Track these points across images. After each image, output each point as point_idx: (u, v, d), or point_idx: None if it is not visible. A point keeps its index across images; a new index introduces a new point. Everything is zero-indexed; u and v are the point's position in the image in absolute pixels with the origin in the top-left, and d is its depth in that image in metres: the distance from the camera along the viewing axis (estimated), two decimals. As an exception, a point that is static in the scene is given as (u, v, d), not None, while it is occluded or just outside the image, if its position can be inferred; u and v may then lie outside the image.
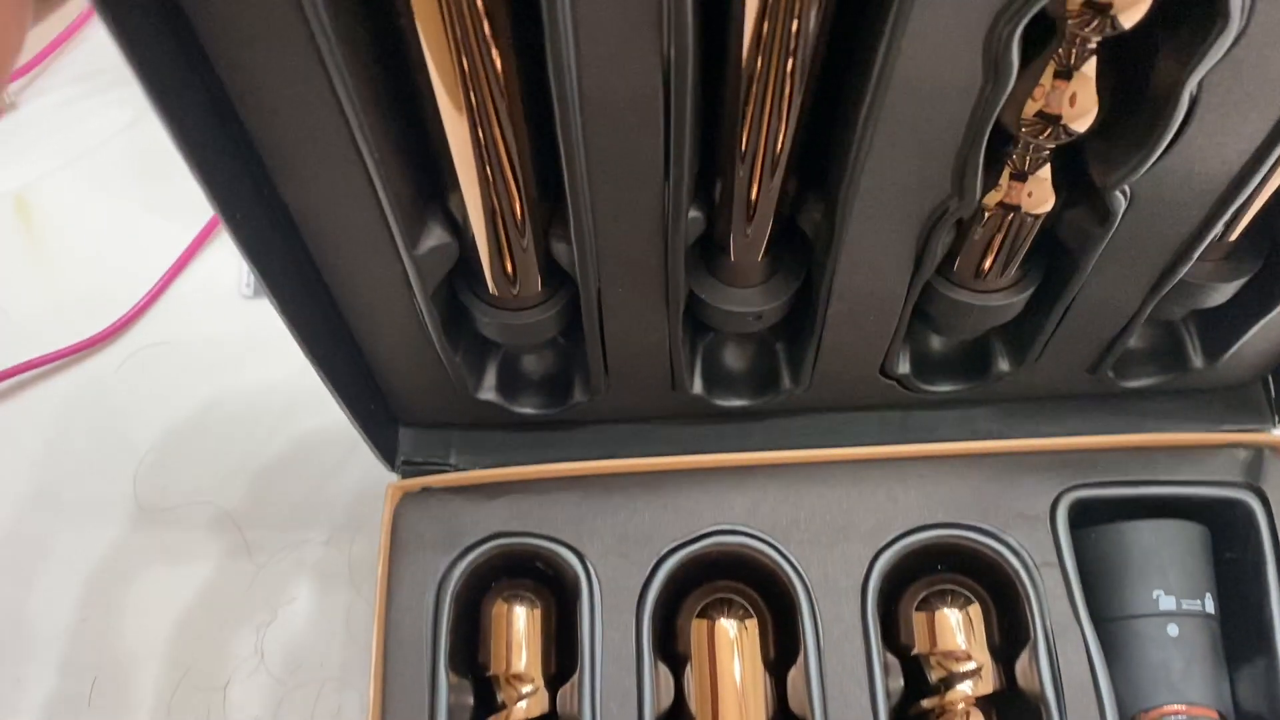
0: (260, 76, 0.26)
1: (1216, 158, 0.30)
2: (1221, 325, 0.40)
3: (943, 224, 0.32)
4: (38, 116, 0.50)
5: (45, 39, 0.52)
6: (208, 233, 0.50)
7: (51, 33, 0.52)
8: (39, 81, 0.52)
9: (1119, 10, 0.26)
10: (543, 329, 0.37)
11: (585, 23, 0.25)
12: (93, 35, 0.51)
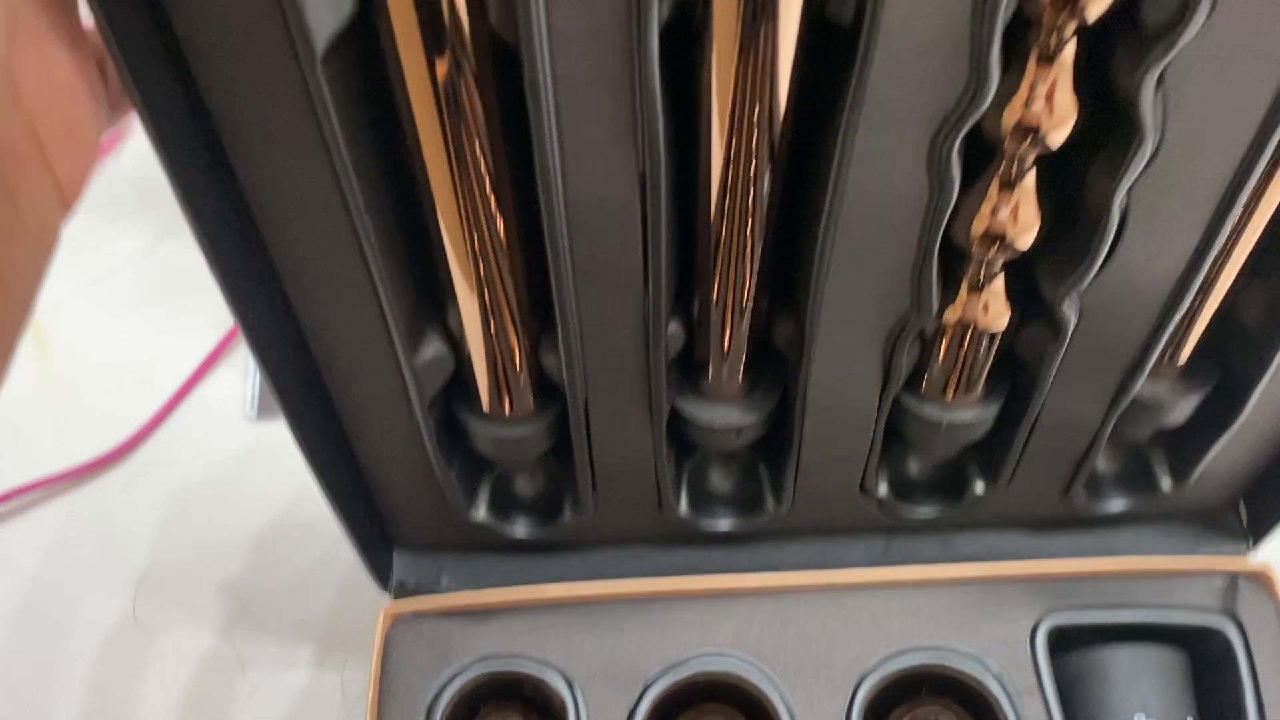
0: (280, 192, 0.29)
1: (1154, 269, 0.32)
2: (1185, 446, 0.41)
3: (905, 337, 0.34)
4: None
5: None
6: (215, 357, 0.53)
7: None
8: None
9: (1047, 131, 0.29)
10: (533, 443, 0.39)
11: (569, 137, 0.28)
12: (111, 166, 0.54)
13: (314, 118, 0.26)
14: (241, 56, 0.25)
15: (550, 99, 0.27)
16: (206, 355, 0.52)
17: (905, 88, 0.27)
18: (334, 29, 0.25)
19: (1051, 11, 0.26)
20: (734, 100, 0.28)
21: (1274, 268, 0.35)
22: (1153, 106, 0.27)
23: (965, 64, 0.26)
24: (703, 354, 0.37)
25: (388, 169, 0.30)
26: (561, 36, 0.25)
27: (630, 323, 0.34)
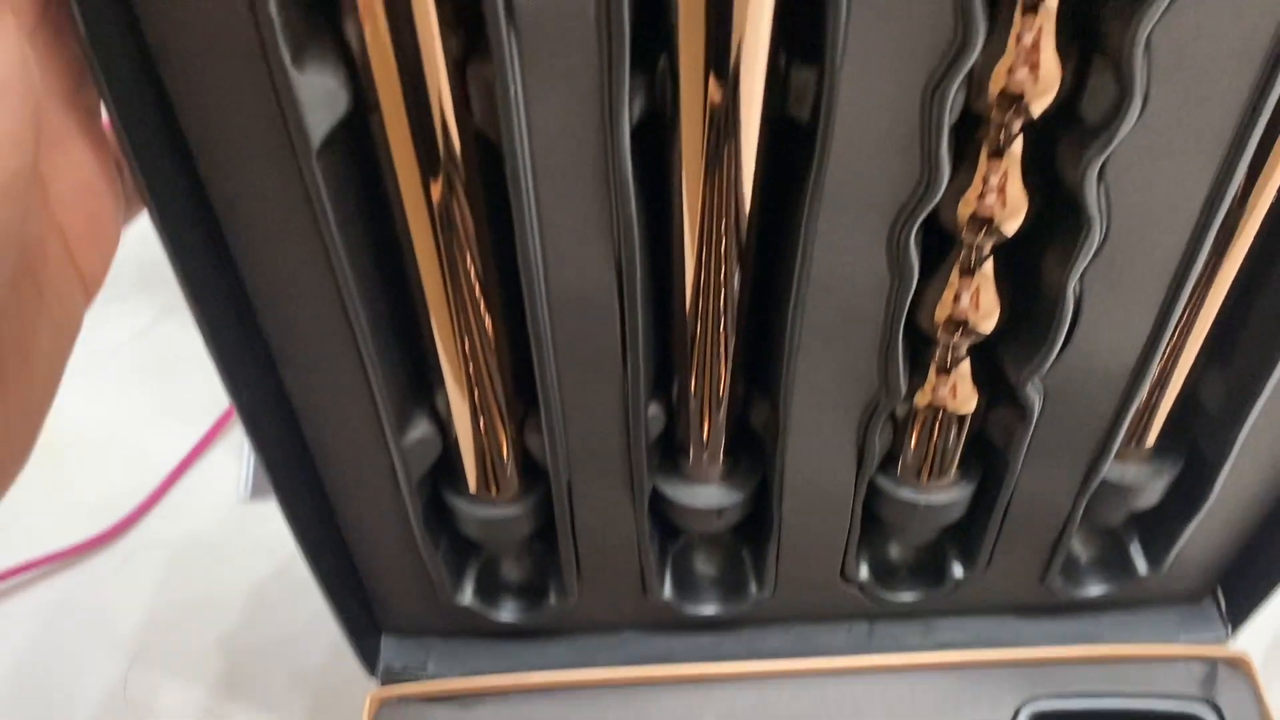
0: (276, 277, 0.31)
1: (1111, 352, 0.34)
2: (1159, 530, 0.42)
3: (877, 419, 0.36)
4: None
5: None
6: (210, 437, 0.54)
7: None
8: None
9: (1000, 222, 0.30)
10: (518, 525, 0.39)
11: (549, 228, 0.29)
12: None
13: (309, 207, 0.28)
14: (242, 149, 0.27)
15: (531, 191, 0.28)
16: (202, 436, 0.53)
17: (861, 180, 0.28)
18: (330, 124, 0.27)
19: (998, 109, 0.28)
20: (703, 202, 0.30)
21: (1231, 352, 0.36)
22: (1096, 197, 0.29)
23: (917, 158, 0.28)
24: (683, 437, 0.38)
25: (380, 256, 0.31)
26: (540, 134, 0.27)
27: (611, 406, 0.35)
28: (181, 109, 0.26)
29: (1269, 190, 0.31)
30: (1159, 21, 0.25)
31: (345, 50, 0.26)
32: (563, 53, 0.25)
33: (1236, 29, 0.26)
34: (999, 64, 0.27)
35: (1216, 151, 0.28)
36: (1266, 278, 0.34)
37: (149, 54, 0.25)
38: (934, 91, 0.26)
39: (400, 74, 0.26)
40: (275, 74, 0.25)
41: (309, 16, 0.25)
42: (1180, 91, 0.27)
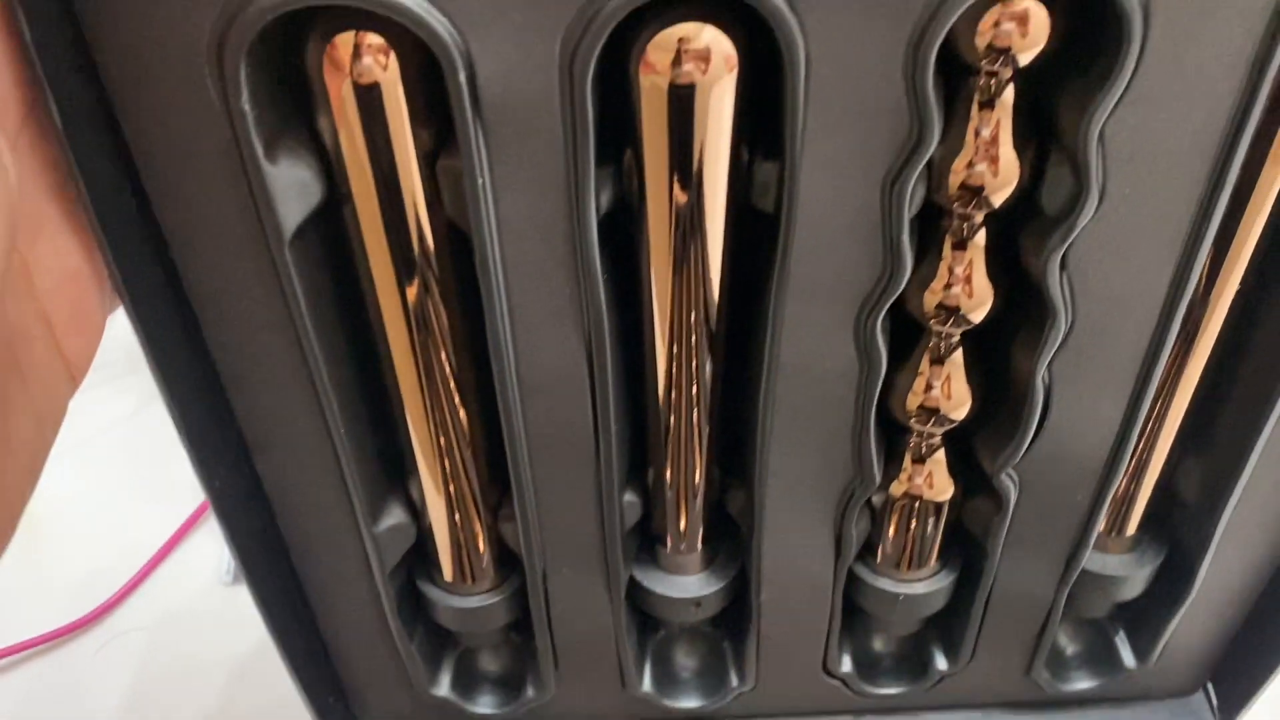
0: (250, 364, 0.31)
1: (1084, 441, 0.34)
2: (1145, 622, 0.41)
3: (853, 507, 0.35)
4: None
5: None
6: (192, 521, 0.54)
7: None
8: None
9: (967, 311, 0.31)
10: (494, 615, 0.39)
11: (519, 315, 0.30)
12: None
13: (282, 296, 0.29)
14: (216, 239, 0.27)
15: (500, 280, 0.29)
16: (185, 519, 0.53)
17: (826, 270, 0.29)
18: (303, 214, 0.27)
19: (960, 201, 0.28)
20: (673, 296, 0.30)
21: (1206, 442, 0.36)
22: (1060, 287, 0.29)
23: (880, 249, 0.28)
24: (660, 526, 0.38)
25: (353, 344, 0.32)
26: (509, 224, 0.28)
27: (586, 494, 0.35)
28: (157, 200, 0.27)
29: (1233, 281, 0.31)
30: (1111, 116, 0.26)
31: (319, 142, 0.27)
32: (529, 146, 0.26)
33: (1187, 125, 0.26)
34: (958, 158, 0.28)
35: (1176, 242, 0.29)
36: (1236, 368, 0.34)
37: (126, 147, 0.26)
38: (893, 185, 0.27)
39: (372, 167, 0.27)
40: (248, 167, 0.26)
41: (282, 111, 0.26)
42: (1136, 184, 0.27)
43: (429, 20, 0.23)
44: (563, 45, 0.24)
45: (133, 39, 0.24)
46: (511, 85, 0.25)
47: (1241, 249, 0.30)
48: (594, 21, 0.24)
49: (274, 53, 0.25)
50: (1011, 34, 0.25)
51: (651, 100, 0.26)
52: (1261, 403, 0.33)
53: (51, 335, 0.26)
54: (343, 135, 0.26)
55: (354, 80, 0.25)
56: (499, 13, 0.24)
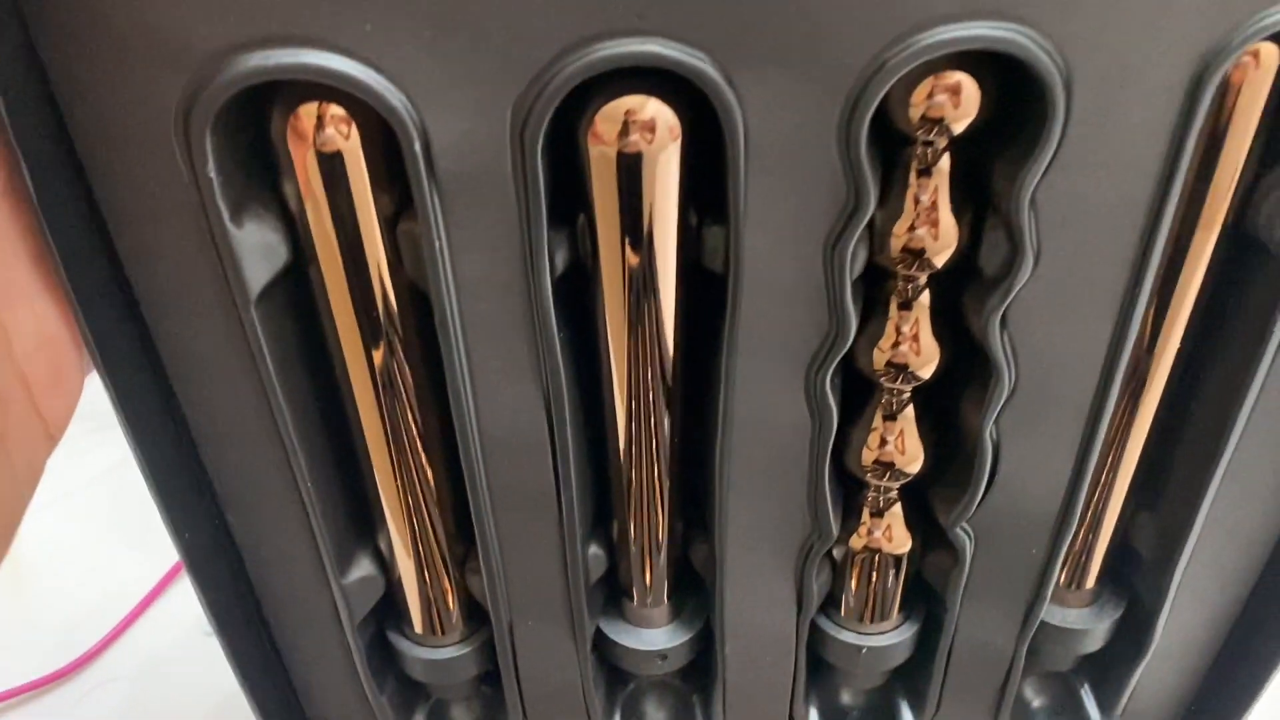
0: (219, 420, 0.32)
1: (1036, 494, 0.34)
2: (1108, 675, 0.42)
3: (813, 559, 0.36)
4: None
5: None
6: (175, 571, 0.54)
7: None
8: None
9: (915, 369, 0.32)
10: (463, 667, 0.40)
11: (479, 373, 0.31)
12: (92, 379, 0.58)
13: (250, 354, 0.30)
14: (185, 299, 0.29)
15: (459, 338, 0.30)
16: (167, 570, 0.53)
17: (774, 329, 0.30)
18: (269, 275, 0.28)
19: (903, 263, 0.30)
20: (629, 355, 0.31)
21: (1158, 497, 0.37)
22: (1001, 346, 0.30)
23: (825, 309, 0.29)
24: (626, 579, 0.39)
25: (319, 400, 0.33)
26: (466, 284, 0.29)
27: (550, 547, 0.36)
28: (128, 263, 0.28)
29: (1173, 340, 0.32)
30: (1041, 182, 0.27)
31: (284, 207, 0.28)
32: (483, 211, 0.27)
33: (1114, 190, 0.27)
34: (899, 222, 0.29)
35: (1112, 304, 0.30)
36: (1182, 425, 0.35)
37: (99, 212, 0.27)
38: (833, 248, 0.28)
39: (336, 231, 0.28)
40: (215, 230, 0.27)
41: (248, 177, 0.27)
42: (1070, 247, 0.28)
43: (385, 95, 0.25)
44: (513, 117, 0.26)
45: (104, 109, 0.25)
46: (465, 154, 0.26)
47: (1179, 311, 0.31)
48: (542, 95, 0.25)
49: (240, 121, 0.26)
50: (944, 105, 0.26)
51: (601, 168, 0.27)
52: (1208, 459, 0.34)
53: (29, 397, 0.27)
54: (307, 201, 0.28)
55: (317, 149, 0.27)
56: (451, 86, 0.25)
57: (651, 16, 0.24)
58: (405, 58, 0.25)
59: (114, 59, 0.24)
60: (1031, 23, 0.25)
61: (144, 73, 0.24)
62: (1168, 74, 0.25)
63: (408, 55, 0.25)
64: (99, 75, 0.24)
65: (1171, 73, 0.25)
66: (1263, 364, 0.31)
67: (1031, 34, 0.25)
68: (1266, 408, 0.32)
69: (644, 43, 0.25)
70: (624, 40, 0.25)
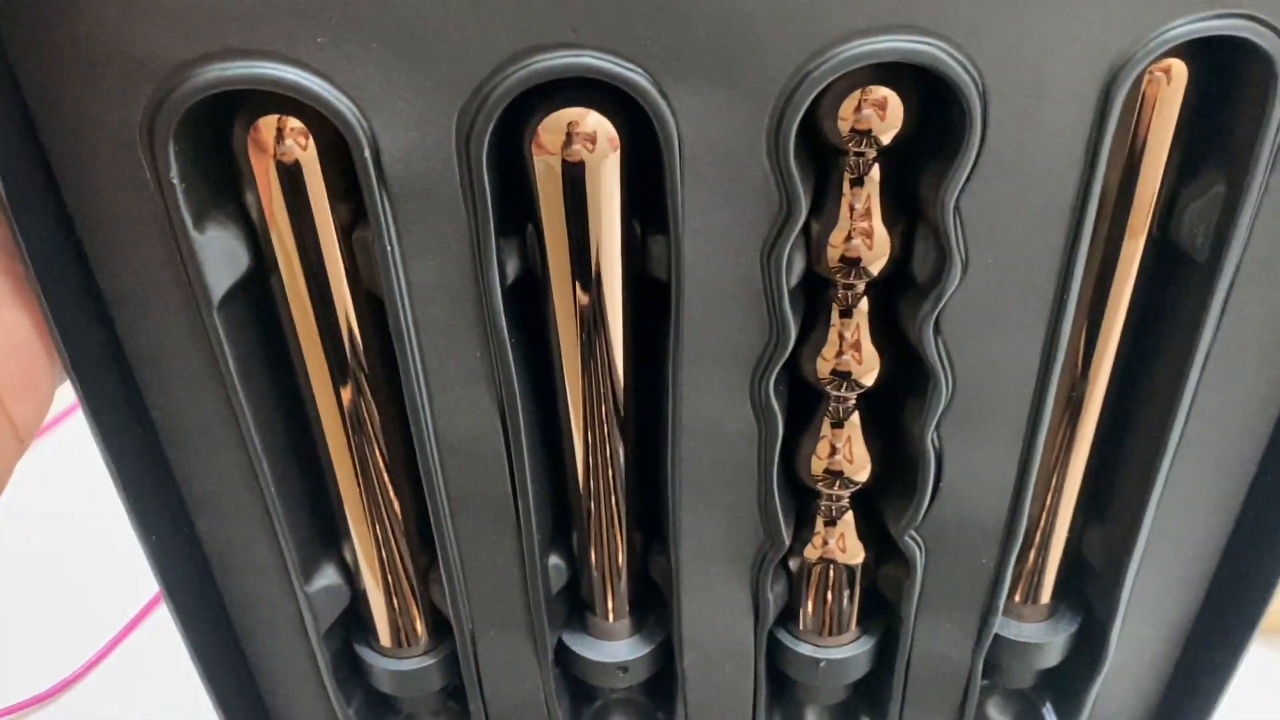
0: (184, 423, 0.33)
1: (981, 503, 0.35)
2: (1067, 691, 0.42)
3: (767, 568, 0.37)
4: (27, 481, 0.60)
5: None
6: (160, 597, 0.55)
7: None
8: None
9: (858, 376, 0.33)
10: (428, 678, 0.40)
11: (433, 377, 0.32)
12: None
13: (213, 358, 0.31)
14: (151, 303, 0.30)
15: (414, 344, 0.31)
16: (153, 595, 0.54)
17: (717, 335, 0.31)
18: (231, 280, 0.30)
19: (841, 272, 0.31)
20: (581, 365, 0.33)
21: (1104, 510, 0.37)
22: (936, 352, 0.31)
23: (764, 316, 0.31)
24: (587, 592, 0.40)
25: (283, 406, 0.34)
26: (419, 291, 0.30)
27: (510, 556, 0.37)
28: (97, 267, 0.29)
29: (1109, 349, 0.33)
30: (964, 190, 0.28)
31: (245, 215, 0.30)
32: (433, 217, 0.29)
33: (1035, 198, 0.29)
34: (835, 232, 0.30)
35: (1043, 308, 0.31)
36: (1123, 438, 0.35)
37: (69, 219, 0.28)
38: (769, 255, 0.29)
39: (295, 236, 0.30)
40: (178, 235, 0.28)
41: (211, 185, 0.29)
42: (996, 255, 0.30)
43: (336, 104, 0.26)
44: (458, 127, 0.27)
45: (74, 118, 0.27)
46: (414, 162, 0.28)
47: (1113, 321, 0.32)
48: (484, 106, 0.26)
49: (203, 133, 0.28)
50: (871, 118, 0.28)
51: (545, 178, 0.29)
52: (1148, 469, 0.35)
53: None
54: (267, 209, 0.29)
55: (277, 159, 0.28)
56: (399, 97, 0.27)
57: (584, 31, 0.26)
58: (355, 70, 0.26)
59: (83, 70, 0.26)
60: (946, 37, 0.26)
61: (111, 83, 0.26)
62: (1079, 84, 0.27)
63: (358, 67, 0.26)
64: (69, 85, 0.26)
65: (1082, 83, 0.27)
66: (1192, 372, 0.32)
67: (946, 47, 0.26)
68: (1202, 416, 0.33)
69: (579, 56, 0.26)
70: (560, 53, 0.26)
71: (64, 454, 0.63)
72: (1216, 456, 0.35)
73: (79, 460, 0.59)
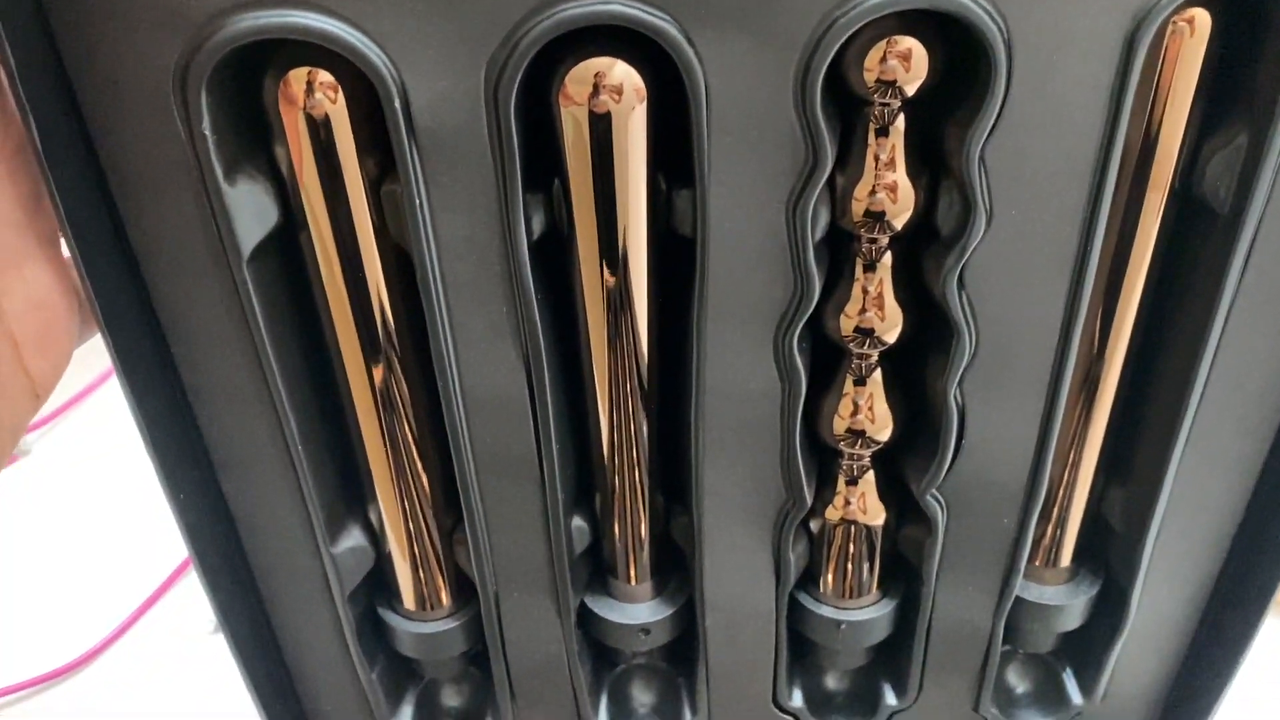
0: (213, 382, 0.33)
1: (1003, 461, 0.35)
2: (1088, 656, 0.42)
3: (789, 528, 0.37)
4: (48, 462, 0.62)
5: (64, 397, 0.66)
6: (182, 570, 0.55)
7: (68, 392, 0.66)
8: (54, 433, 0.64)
9: (881, 333, 0.33)
10: (451, 641, 0.40)
11: (460, 332, 0.32)
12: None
13: (242, 314, 0.31)
14: (181, 257, 0.30)
15: (441, 298, 0.31)
16: (174, 569, 0.54)
17: (741, 290, 0.31)
18: (260, 234, 0.30)
19: (865, 226, 0.31)
20: (606, 313, 0.33)
21: (1126, 471, 0.37)
22: (960, 306, 0.31)
23: (789, 270, 0.31)
24: (610, 555, 0.40)
25: (311, 366, 0.34)
26: (447, 245, 0.30)
27: (534, 516, 0.37)
28: (128, 220, 0.30)
29: (1131, 304, 0.33)
30: (988, 141, 0.28)
31: (275, 169, 0.30)
32: (461, 169, 0.29)
33: (1059, 148, 0.29)
34: (859, 185, 0.30)
35: (1065, 262, 0.31)
36: (1145, 399, 0.36)
37: (100, 172, 0.29)
38: (795, 207, 0.30)
39: (324, 189, 0.30)
40: (209, 188, 0.29)
41: (241, 138, 0.29)
42: (1021, 206, 0.30)
43: (366, 53, 0.27)
44: (486, 75, 0.27)
45: (108, 70, 0.27)
46: (443, 112, 0.28)
47: (1135, 276, 0.33)
48: (513, 54, 0.27)
49: (234, 85, 0.28)
50: (896, 69, 0.28)
51: (572, 129, 0.29)
52: (1169, 428, 0.35)
53: (17, 355, 0.29)
54: (296, 161, 0.29)
55: (307, 113, 0.28)
56: (429, 46, 0.27)
57: (614, -22, 0.26)
58: (386, 19, 0.26)
59: (117, 19, 0.26)
60: (972, -15, 0.26)
61: (145, 34, 0.26)
62: (1102, 33, 0.27)
63: (388, 16, 0.26)
64: (103, 35, 0.26)
65: (1106, 32, 0.27)
66: (1214, 328, 0.32)
67: (972, -5, 0.26)
68: (1224, 373, 0.34)
69: (608, 3, 0.26)
70: (589, 1, 0.26)
71: (90, 429, 0.64)
72: (1238, 414, 0.35)
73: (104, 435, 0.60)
